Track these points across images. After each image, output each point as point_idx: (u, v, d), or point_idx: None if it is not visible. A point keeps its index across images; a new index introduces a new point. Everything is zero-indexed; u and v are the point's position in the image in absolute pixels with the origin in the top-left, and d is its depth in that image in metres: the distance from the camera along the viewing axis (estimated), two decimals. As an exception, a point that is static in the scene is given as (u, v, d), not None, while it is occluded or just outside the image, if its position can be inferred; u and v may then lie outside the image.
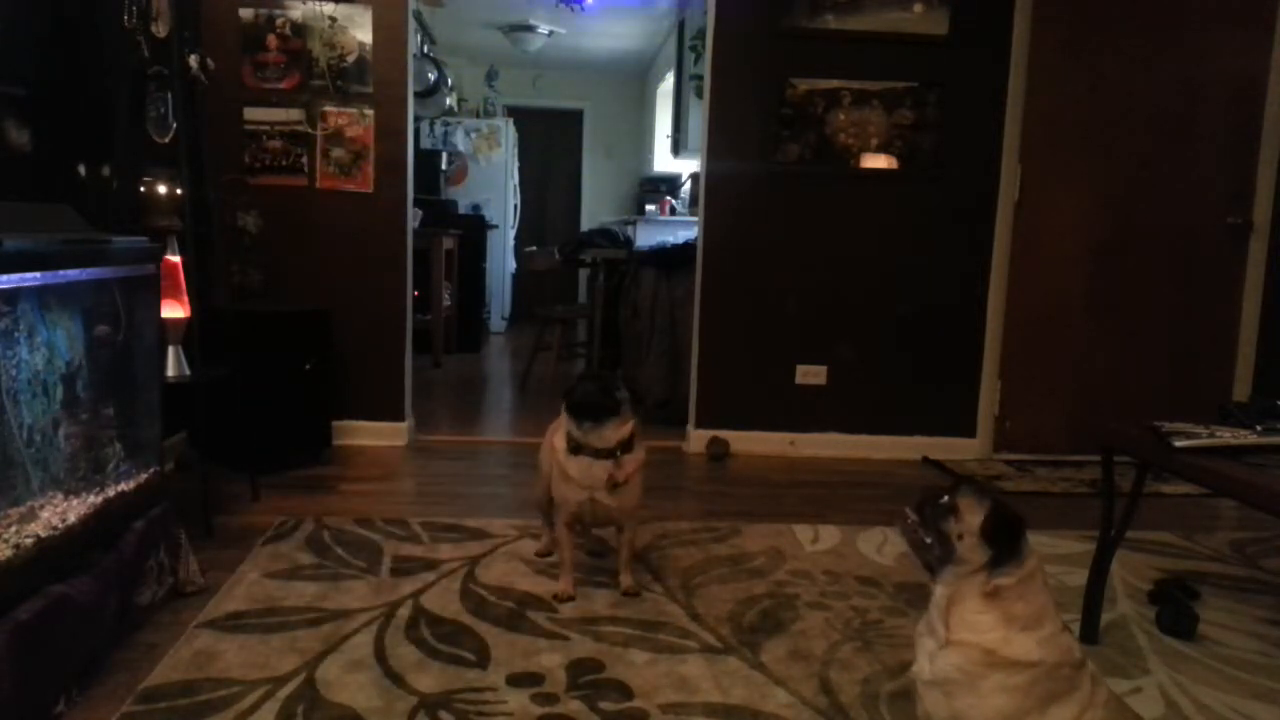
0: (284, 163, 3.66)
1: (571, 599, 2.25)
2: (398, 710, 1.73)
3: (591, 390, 2.18)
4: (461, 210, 7.58)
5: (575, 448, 2.19)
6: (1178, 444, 1.85)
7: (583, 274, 7.28)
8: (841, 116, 3.81)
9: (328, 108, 3.66)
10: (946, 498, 1.34)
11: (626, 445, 2.21)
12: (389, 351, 3.84)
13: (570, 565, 2.32)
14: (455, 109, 8.22)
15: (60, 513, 1.87)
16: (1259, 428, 1.91)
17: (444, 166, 7.77)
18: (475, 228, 7.33)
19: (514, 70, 9.01)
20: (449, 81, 7.74)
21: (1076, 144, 3.88)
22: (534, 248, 6.79)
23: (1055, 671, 1.26)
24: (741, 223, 3.88)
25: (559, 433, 2.26)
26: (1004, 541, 1.29)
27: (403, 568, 2.43)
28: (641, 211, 7.88)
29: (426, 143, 7.76)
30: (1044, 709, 1.25)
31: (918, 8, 3.77)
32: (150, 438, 2.26)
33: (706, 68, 3.86)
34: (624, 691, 1.82)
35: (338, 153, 3.68)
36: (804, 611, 2.24)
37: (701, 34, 4.65)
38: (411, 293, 3.89)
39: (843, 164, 3.84)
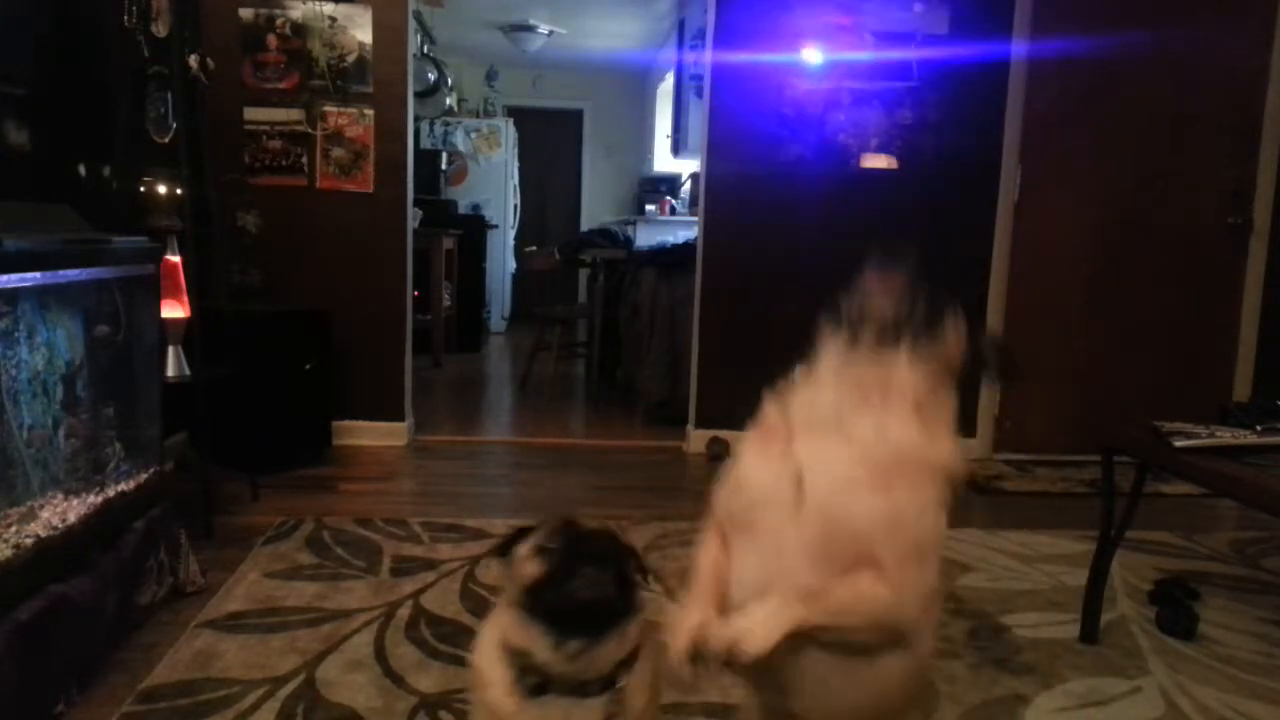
0: (284, 163, 3.66)
1: None
2: (398, 710, 1.73)
3: (601, 583, 1.10)
4: (461, 210, 7.58)
5: (540, 685, 1.09)
6: (1178, 444, 1.85)
7: (583, 274, 7.27)
8: (841, 116, 3.81)
9: (328, 108, 3.66)
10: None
11: (628, 660, 1.13)
12: (389, 351, 3.84)
13: None
14: (455, 109, 8.22)
15: (60, 513, 1.87)
16: (1259, 428, 1.91)
17: (444, 166, 7.77)
18: (475, 228, 7.33)
19: (514, 70, 9.01)
20: (449, 81, 7.74)
21: (1076, 144, 3.88)
22: (534, 248, 6.80)
23: None
24: (741, 223, 3.88)
25: (479, 646, 1.18)
26: None
27: (403, 568, 2.43)
28: (641, 211, 7.88)
29: (426, 143, 7.75)
30: None
31: (918, 8, 3.77)
32: (150, 438, 2.26)
33: (706, 68, 3.86)
34: (624, 691, 1.82)
35: (338, 153, 3.68)
36: (804, 611, 2.24)
37: (701, 34, 4.65)
38: (411, 293, 3.89)
39: (843, 164, 3.84)
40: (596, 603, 1.09)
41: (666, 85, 7.82)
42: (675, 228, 6.61)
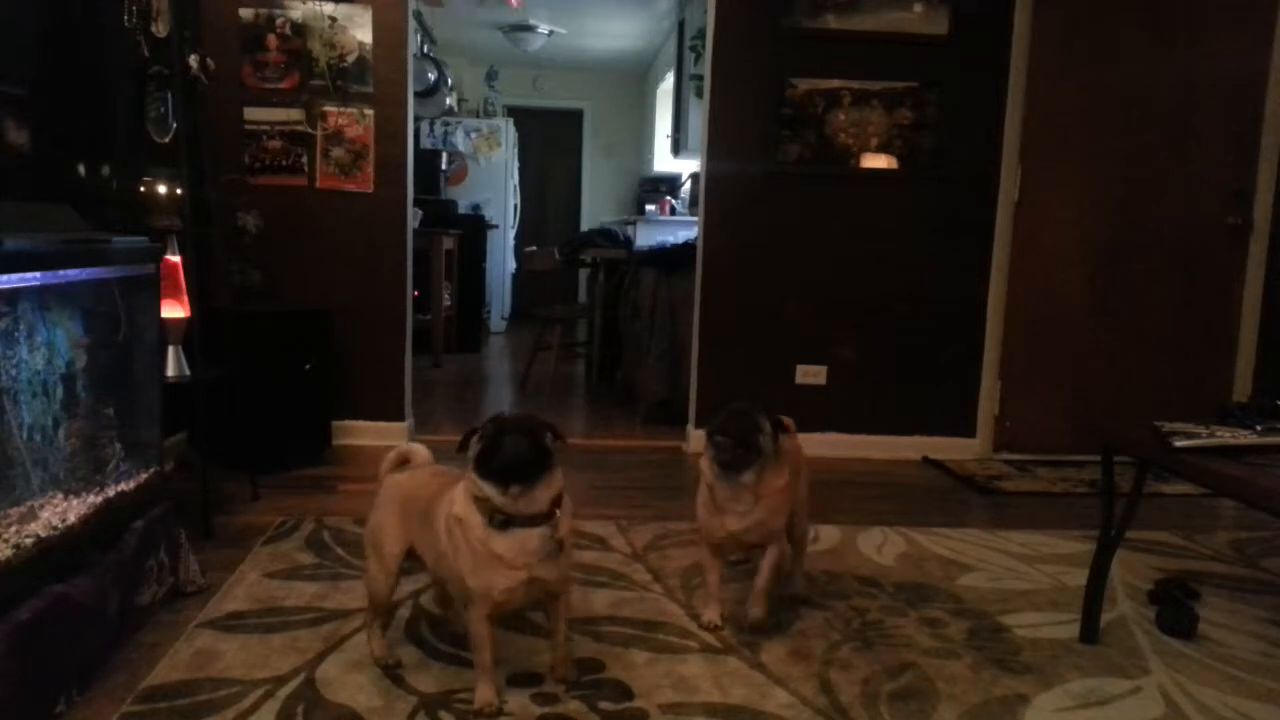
0: (284, 163, 3.66)
1: (501, 711, 1.74)
2: (398, 710, 1.73)
3: (520, 445, 1.65)
4: (461, 210, 7.58)
5: (504, 521, 1.66)
6: (1178, 444, 1.85)
7: (583, 274, 7.28)
8: (841, 116, 3.81)
9: (328, 108, 3.66)
10: (748, 417, 2.01)
11: (558, 500, 1.72)
12: (389, 351, 3.84)
13: (492, 665, 1.76)
14: (455, 109, 8.22)
15: (60, 513, 1.87)
16: (1259, 428, 1.91)
17: (444, 166, 7.77)
18: (475, 228, 7.33)
19: (514, 70, 9.02)
20: (449, 81, 7.73)
21: (1076, 144, 3.88)
22: (534, 248, 6.79)
23: None
24: (741, 223, 3.88)
25: (457, 504, 1.70)
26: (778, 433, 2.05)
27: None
28: (641, 211, 7.88)
29: (426, 143, 7.75)
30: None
31: (918, 8, 3.77)
32: (150, 438, 2.25)
33: (706, 68, 3.86)
34: (624, 691, 1.83)
35: (338, 153, 3.68)
36: (804, 611, 2.24)
37: (701, 34, 4.65)
38: (411, 293, 3.89)
39: (843, 164, 3.84)
40: (520, 461, 1.65)
41: (666, 85, 7.82)
42: (675, 228, 6.60)
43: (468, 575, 1.68)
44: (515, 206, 8.42)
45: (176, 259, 2.67)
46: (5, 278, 1.68)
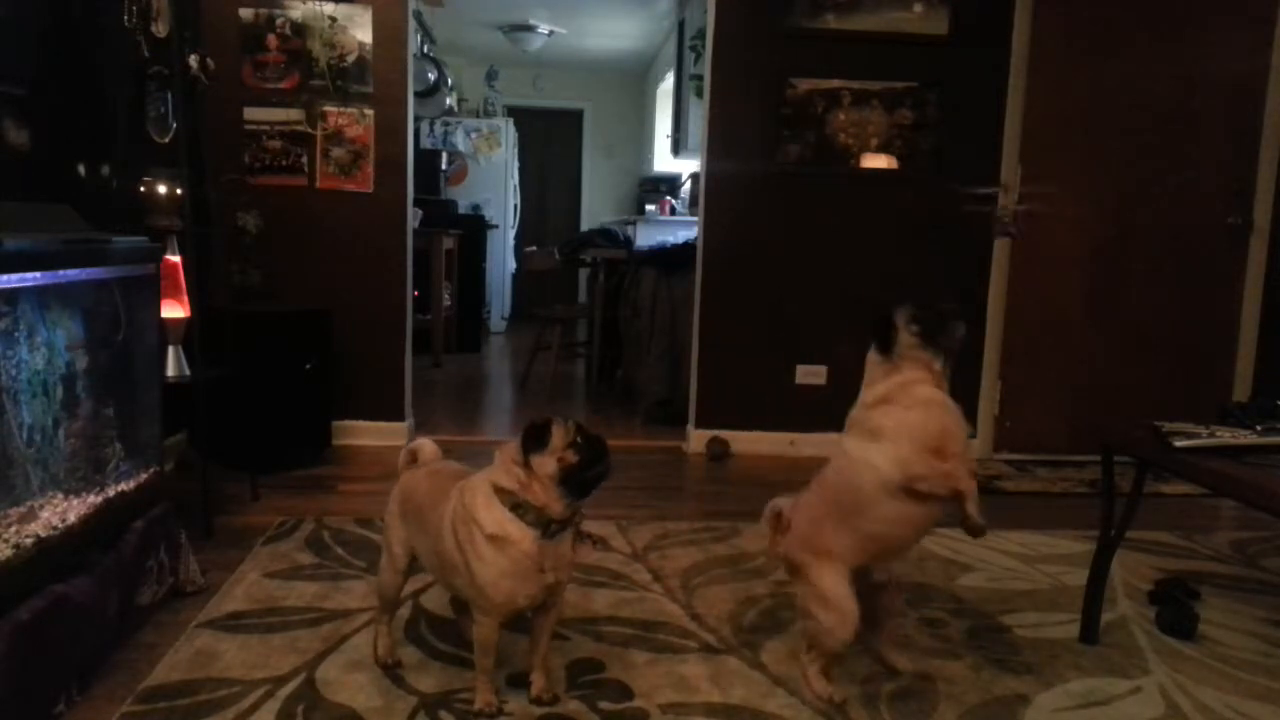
0: (284, 163, 3.66)
1: (500, 711, 1.75)
2: (398, 710, 1.73)
3: (611, 465, 1.68)
4: (461, 210, 7.58)
5: (554, 530, 1.65)
6: (1178, 444, 1.85)
7: (583, 274, 7.27)
8: (841, 116, 3.81)
9: (328, 108, 3.66)
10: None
11: None
12: (389, 351, 3.84)
13: (491, 671, 1.76)
14: (455, 109, 8.22)
15: (60, 513, 1.87)
16: (1259, 428, 1.91)
17: (444, 166, 7.77)
18: (475, 228, 7.34)
19: (514, 70, 9.01)
20: (449, 81, 7.74)
21: (1076, 144, 3.88)
22: (534, 248, 6.79)
23: None
24: (741, 223, 3.88)
25: (488, 522, 1.64)
26: None
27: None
28: (641, 211, 7.88)
29: (426, 143, 7.75)
30: None
31: (918, 8, 3.77)
32: (150, 438, 2.26)
33: (706, 68, 3.86)
34: (624, 691, 1.83)
35: (338, 153, 3.68)
36: (804, 611, 2.24)
37: (701, 34, 4.65)
38: (411, 293, 3.89)
39: (843, 164, 3.84)
40: (607, 478, 1.66)
41: (666, 85, 7.82)
42: (675, 228, 6.60)
43: (491, 584, 1.64)
44: (515, 206, 8.42)
45: (176, 259, 2.67)
46: (5, 278, 1.68)
